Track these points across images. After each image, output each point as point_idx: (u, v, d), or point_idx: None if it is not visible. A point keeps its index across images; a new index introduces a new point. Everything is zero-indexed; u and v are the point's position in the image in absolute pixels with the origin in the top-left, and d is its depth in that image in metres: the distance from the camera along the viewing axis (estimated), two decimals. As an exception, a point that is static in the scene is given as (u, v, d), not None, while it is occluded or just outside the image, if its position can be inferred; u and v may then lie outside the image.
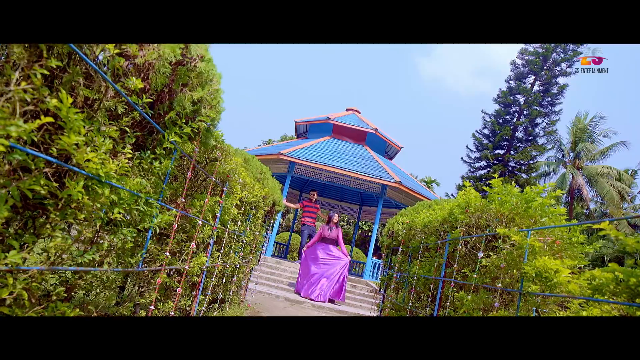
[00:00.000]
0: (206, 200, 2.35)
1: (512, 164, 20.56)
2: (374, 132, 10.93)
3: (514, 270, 1.86)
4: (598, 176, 20.77)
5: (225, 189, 2.81)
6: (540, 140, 20.66)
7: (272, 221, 5.20)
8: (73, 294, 1.71)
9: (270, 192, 4.33)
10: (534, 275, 1.70)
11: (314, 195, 9.06)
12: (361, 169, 9.21)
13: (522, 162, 20.08)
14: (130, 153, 1.45)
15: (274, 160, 9.47)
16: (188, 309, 2.69)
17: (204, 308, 2.99)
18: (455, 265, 2.58)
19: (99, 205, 1.30)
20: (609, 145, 21.51)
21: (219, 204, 2.76)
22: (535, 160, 20.54)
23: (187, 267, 2.27)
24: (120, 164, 1.42)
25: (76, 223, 1.29)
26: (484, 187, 2.71)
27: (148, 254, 1.97)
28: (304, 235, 9.04)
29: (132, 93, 1.46)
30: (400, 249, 4.17)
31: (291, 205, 8.96)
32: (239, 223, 3.42)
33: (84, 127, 1.20)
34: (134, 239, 1.59)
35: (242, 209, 3.44)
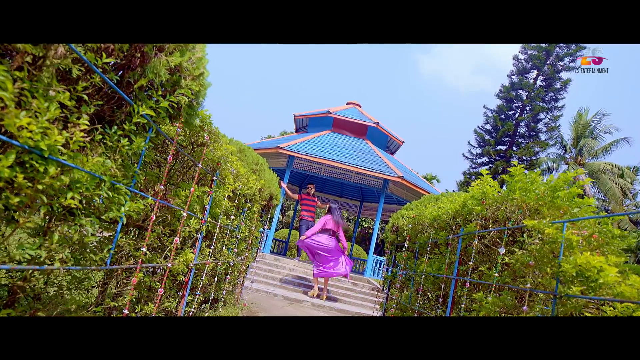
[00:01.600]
0: (192, 189, 2.08)
1: (514, 160, 20.29)
2: (375, 125, 10.65)
3: (547, 269, 1.60)
4: (600, 173, 20.51)
5: (215, 178, 2.54)
6: (543, 136, 20.39)
7: (269, 216, 4.94)
8: (34, 296, 1.45)
9: (267, 185, 4.06)
10: (574, 274, 1.44)
11: (311, 188, 8.82)
12: (362, 163, 8.94)
13: (525, 158, 19.82)
14: (86, 125, 1.17)
15: (272, 154, 9.20)
16: (174, 311, 2.43)
17: (193, 309, 2.73)
18: (471, 263, 2.32)
19: (41, 187, 1.03)
20: (611, 141, 21.27)
21: (208, 195, 2.49)
22: (538, 157, 20.28)
23: (169, 265, 2.00)
24: (75, 138, 1.15)
25: (11, 209, 1.02)
26: (504, 177, 2.45)
27: (119, 250, 1.70)
28: (302, 231, 8.78)
29: (87, 50, 1.18)
30: (405, 245, 3.90)
31: (290, 193, 8.75)
32: (232, 217, 3.15)
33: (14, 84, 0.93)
34: (96, 232, 1.32)
35: (236, 201, 3.17)
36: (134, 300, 1.85)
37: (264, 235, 5.72)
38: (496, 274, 1.98)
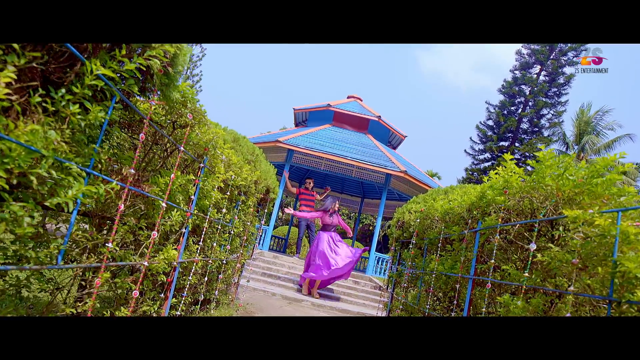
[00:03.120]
0: (172, 176, 1.80)
1: (517, 156, 20.00)
2: (376, 119, 10.35)
3: (598, 268, 1.32)
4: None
5: (202, 165, 2.25)
6: (546, 132, 20.09)
7: (266, 211, 4.65)
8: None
9: (263, 177, 3.78)
10: (637, 275, 1.15)
11: (310, 183, 8.58)
12: (364, 158, 8.65)
13: (528, 154, 19.51)
14: (11, 78, 0.89)
15: (271, 148, 8.91)
16: (155, 315, 2.15)
17: (178, 313, 2.45)
18: (492, 261, 2.03)
19: None
20: (614, 138, 20.99)
21: (195, 185, 2.20)
22: (541, 153, 19.97)
23: (146, 264, 1.72)
24: (-5, 96, 0.86)
25: None
26: (529, 162, 2.17)
27: (77, 244, 1.41)
28: (302, 227, 8.52)
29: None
30: (412, 241, 3.62)
31: (290, 185, 8.59)
32: (224, 210, 2.87)
33: None
34: (35, 221, 1.04)
35: (228, 193, 2.88)
36: (99, 305, 1.56)
37: (260, 232, 5.43)
38: (526, 274, 1.70)
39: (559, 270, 1.53)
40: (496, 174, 2.38)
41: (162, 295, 2.21)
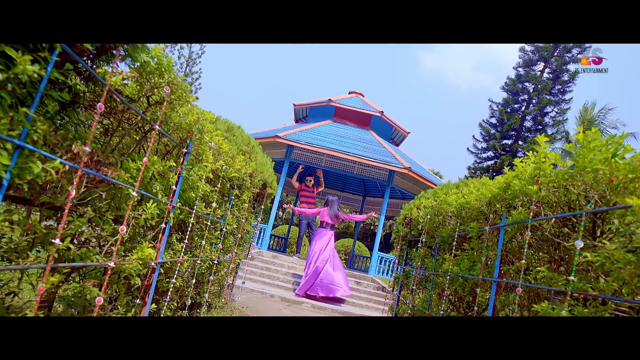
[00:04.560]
0: (145, 160, 1.50)
1: (520, 154, 19.68)
2: (379, 115, 10.05)
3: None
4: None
5: (186, 151, 1.96)
6: (550, 130, 19.77)
7: (262, 207, 4.36)
8: None
9: (259, 169, 3.48)
10: None
11: (310, 181, 8.31)
12: (366, 154, 8.35)
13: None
14: None
15: (270, 144, 8.62)
16: (131, 323, 1.85)
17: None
18: (524, 261, 1.74)
19: None
20: (618, 137, 20.67)
21: (177, 173, 1.91)
22: (545, 151, 19.66)
23: (111, 264, 1.42)
24: None
25: None
26: (566, 146, 1.85)
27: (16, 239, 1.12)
28: (302, 226, 8.24)
29: None
30: (421, 239, 3.33)
31: (295, 178, 8.41)
32: (214, 205, 2.57)
33: None
34: None
35: (219, 186, 2.59)
36: (45, 315, 1.27)
37: (257, 230, 5.14)
38: (572, 278, 1.40)
39: (619, 273, 1.23)
40: (521, 161, 2.08)
41: (139, 300, 1.91)
